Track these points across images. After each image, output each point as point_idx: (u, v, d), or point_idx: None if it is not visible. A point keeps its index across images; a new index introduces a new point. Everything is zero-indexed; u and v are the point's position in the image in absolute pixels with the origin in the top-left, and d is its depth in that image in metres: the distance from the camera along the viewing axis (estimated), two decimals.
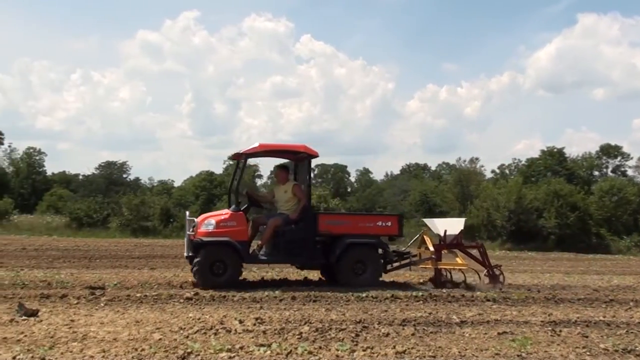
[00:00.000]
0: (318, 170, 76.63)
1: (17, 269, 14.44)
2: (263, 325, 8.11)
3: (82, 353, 6.41)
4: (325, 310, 9.54)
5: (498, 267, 13.57)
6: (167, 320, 8.47)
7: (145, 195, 42.93)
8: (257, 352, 6.62)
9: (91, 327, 7.81)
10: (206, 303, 10.11)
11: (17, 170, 57.65)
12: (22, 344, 6.82)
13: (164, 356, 6.37)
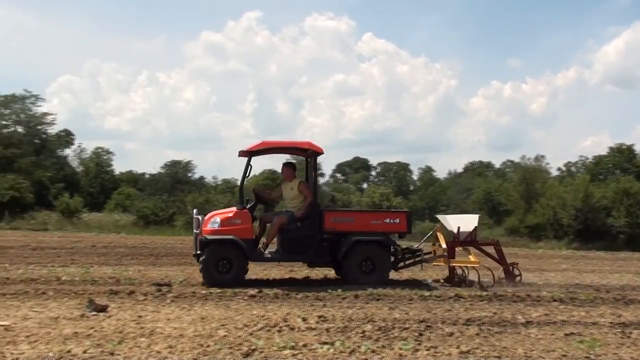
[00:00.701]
0: (380, 169, 76.46)
1: (87, 265, 14.79)
2: (326, 323, 8.14)
3: (150, 348, 6.54)
4: (388, 309, 9.52)
5: (514, 265, 13.32)
6: (232, 317, 8.57)
7: (210, 194, 43.41)
8: (320, 350, 6.65)
9: (158, 323, 7.96)
10: (270, 300, 10.19)
11: (87, 170, 58.90)
12: (92, 338, 7.00)
13: (228, 353, 6.45)
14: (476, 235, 13.31)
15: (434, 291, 11.29)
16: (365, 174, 75.38)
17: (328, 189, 57.63)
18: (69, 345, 6.59)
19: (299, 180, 12.72)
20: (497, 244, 13.52)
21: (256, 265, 13.85)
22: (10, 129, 52.90)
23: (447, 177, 71.23)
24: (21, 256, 17.43)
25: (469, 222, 13.42)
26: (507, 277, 13.03)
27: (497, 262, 13.24)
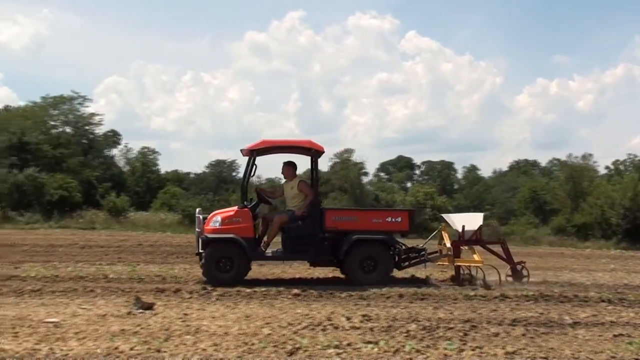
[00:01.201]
0: (424, 168, 76.04)
1: (134, 264, 14.98)
2: (370, 323, 8.13)
3: (195, 346, 6.61)
4: (432, 308, 9.47)
5: (522, 264, 13.09)
6: (276, 315, 8.61)
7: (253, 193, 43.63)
8: (364, 349, 6.65)
9: (203, 321, 8.04)
10: (314, 299, 10.21)
11: (133, 169, 59.64)
12: (139, 336, 7.10)
13: (273, 351, 6.48)
14: (481, 234, 13.14)
15: (478, 291, 11.20)
16: (409, 172, 75.02)
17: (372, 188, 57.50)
18: (116, 342, 6.69)
19: (299, 179, 12.64)
20: (504, 243, 13.38)
21: (300, 264, 13.88)
22: (59, 129, 53.81)
23: (492, 175, 70.50)
24: (70, 254, 17.73)
25: (473, 220, 13.25)
26: (514, 276, 12.85)
27: (505, 261, 13.05)
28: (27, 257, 16.60)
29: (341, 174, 54.35)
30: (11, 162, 44.15)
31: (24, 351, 6.25)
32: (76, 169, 48.51)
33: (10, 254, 17.53)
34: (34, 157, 45.74)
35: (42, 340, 6.79)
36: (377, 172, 72.93)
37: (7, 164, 43.60)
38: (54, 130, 53.24)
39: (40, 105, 54.98)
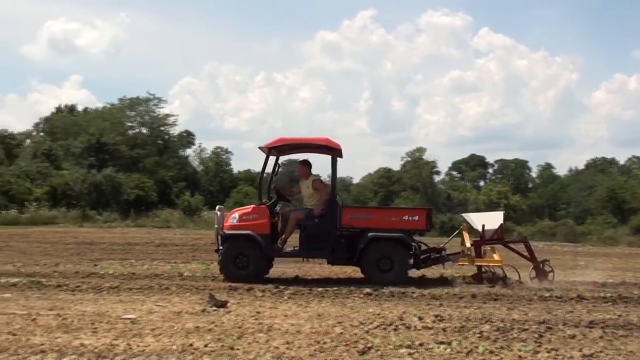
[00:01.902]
0: (497, 166, 74.96)
1: (208, 262, 15.19)
2: (443, 323, 8.06)
3: (268, 344, 6.67)
4: (506, 309, 9.33)
5: (546, 262, 12.69)
6: (348, 314, 8.62)
7: None
8: (437, 350, 6.60)
9: (276, 319, 8.10)
10: (386, 299, 10.18)
11: (207, 169, 60.61)
12: (213, 333, 7.21)
13: (344, 350, 6.49)
14: (503, 233, 12.86)
15: (554, 292, 10.97)
16: (482, 171, 74.11)
17: (443, 187, 57.02)
18: (190, 339, 6.81)
19: (314, 178, 12.56)
20: (526, 241, 13.05)
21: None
22: (135, 130, 55.08)
23: (568, 174, 69.08)
24: (146, 252, 18.14)
25: (493, 219, 13.00)
26: (538, 275, 12.50)
27: (528, 259, 12.77)
28: (105, 255, 17.06)
29: (413, 173, 54.10)
30: (90, 162, 45.38)
31: (102, 346, 6.42)
32: (152, 169, 49.57)
33: (89, 252, 18.05)
34: (111, 158, 46.95)
35: (119, 336, 6.96)
36: (449, 171, 72.40)
37: (86, 164, 44.87)
38: (131, 131, 54.52)
39: (118, 107, 56.36)
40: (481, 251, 12.55)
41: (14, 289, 10.58)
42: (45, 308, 8.73)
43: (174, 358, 6.07)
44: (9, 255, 16.67)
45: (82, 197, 41.23)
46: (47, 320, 7.84)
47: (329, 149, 12.63)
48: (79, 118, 60.66)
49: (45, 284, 11.05)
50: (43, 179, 44.94)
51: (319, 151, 13.25)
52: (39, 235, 25.41)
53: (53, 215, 37.78)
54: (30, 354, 6.13)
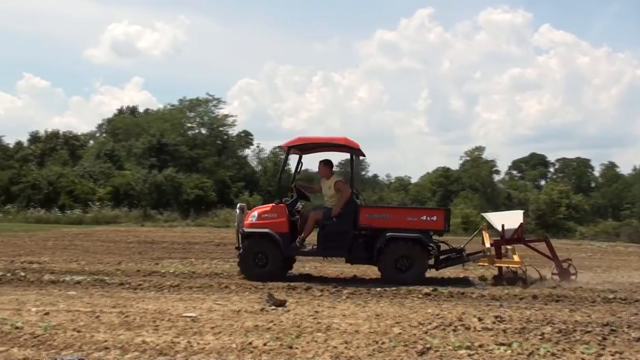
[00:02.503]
0: (559, 165, 73.69)
1: None
2: (503, 324, 7.96)
3: (326, 343, 6.68)
4: (569, 310, 9.16)
5: (568, 261, 12.54)
6: (406, 314, 8.58)
7: (383, 192, 43.70)
8: (497, 351, 6.51)
9: (334, 319, 8.11)
10: (444, 299, 10.11)
11: (265, 169, 61.11)
12: (272, 332, 7.25)
13: (403, 350, 6.46)
14: (523, 233, 12.69)
15: (618, 293, 10.74)
16: (542, 170, 72.98)
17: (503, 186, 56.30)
18: (250, 338, 6.86)
19: (337, 178, 12.62)
20: (548, 241, 12.82)
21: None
22: (195, 131, 55.82)
23: (632, 173, 67.42)
24: (205, 251, 18.37)
25: (513, 219, 12.85)
26: (560, 275, 12.32)
27: (550, 259, 12.59)
28: (166, 254, 17.33)
29: (472, 172, 53.58)
30: (151, 163, 46.14)
31: (163, 343, 6.51)
32: (211, 169, 50.18)
33: (151, 251, 18.37)
34: (172, 158, 47.68)
35: (180, 334, 7.06)
36: (509, 170, 71.46)
37: (147, 164, 45.67)
38: (191, 131, 55.28)
39: (178, 108, 57.25)
40: (501, 251, 12.49)
41: (78, 287, 10.83)
42: (108, 305, 8.91)
43: (234, 356, 6.12)
44: (74, 253, 17.07)
45: (143, 197, 41.98)
46: (110, 317, 8.00)
47: (347, 147, 12.72)
48: (140, 119, 61.83)
49: (109, 282, 11.28)
50: (106, 179, 45.93)
51: (338, 150, 13.54)
52: (102, 234, 25.97)
53: (115, 215, 38.58)
54: (94, 350, 6.26)
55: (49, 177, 44.43)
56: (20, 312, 8.27)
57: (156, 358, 6.02)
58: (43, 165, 51.41)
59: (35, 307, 8.63)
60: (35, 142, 61.69)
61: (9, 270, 12.65)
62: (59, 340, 6.61)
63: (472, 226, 37.14)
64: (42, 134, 62.46)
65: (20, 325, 7.32)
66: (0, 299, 9.43)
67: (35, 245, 19.91)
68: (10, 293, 10.04)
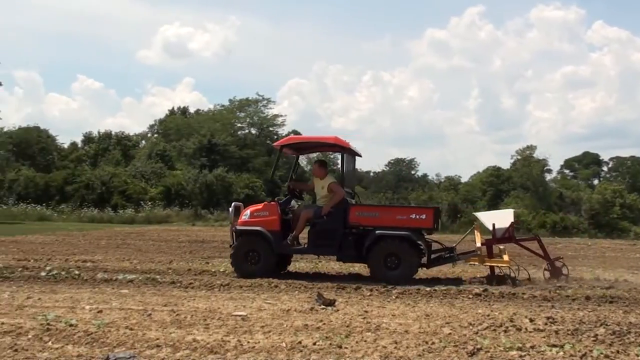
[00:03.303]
0: (612, 164, 72.35)
1: (316, 261, 15.31)
2: (555, 325, 7.84)
3: (376, 343, 6.66)
4: (622, 312, 8.99)
5: (560, 260, 12.42)
6: (457, 315, 8.52)
7: (433, 192, 43.46)
8: (549, 353, 6.42)
9: (384, 319, 8.10)
10: (495, 300, 10.01)
11: None
12: (321, 331, 7.27)
13: (453, 351, 6.41)
14: (514, 232, 12.61)
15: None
16: (596, 169, 71.76)
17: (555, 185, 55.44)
18: (299, 337, 6.88)
19: (331, 180, 12.64)
20: (539, 239, 12.73)
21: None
22: (244, 130, 56.25)
23: None
24: None
25: (504, 218, 12.81)
26: (553, 273, 12.17)
27: (541, 257, 12.47)
28: (217, 253, 17.50)
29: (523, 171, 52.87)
30: (201, 163, 46.62)
31: (214, 342, 6.57)
32: (261, 168, 50.52)
33: (201, 250, 18.58)
34: (222, 158, 48.13)
35: (230, 333, 7.11)
36: (562, 169, 70.38)
37: (197, 164, 46.17)
38: (241, 131, 55.70)
39: (228, 108, 57.81)
40: (493, 250, 12.45)
41: (130, 285, 11.01)
42: (160, 304, 9.04)
43: (283, 355, 6.15)
44: (126, 252, 17.35)
45: (194, 197, 42.45)
46: (162, 315, 8.11)
47: (338, 147, 12.97)
48: (191, 120, 62.56)
49: (160, 281, 11.43)
50: (157, 179, 46.57)
51: (329, 149, 13.89)
52: (154, 233, 26.36)
53: (167, 214, 39.08)
54: (146, 348, 6.35)
55: (102, 177, 45.26)
56: (74, 310, 8.44)
57: (207, 356, 6.08)
58: (96, 165, 52.39)
59: (89, 305, 8.80)
60: (89, 142, 62.93)
61: (64, 268, 12.93)
62: (112, 338, 6.72)
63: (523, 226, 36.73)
64: (96, 135, 63.71)
65: (74, 322, 7.47)
66: (55, 296, 9.64)
67: (89, 244, 20.30)
68: (65, 291, 10.25)
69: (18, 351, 6.13)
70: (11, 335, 6.81)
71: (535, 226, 37.58)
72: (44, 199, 45.60)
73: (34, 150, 58.23)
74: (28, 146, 58.08)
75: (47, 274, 12.11)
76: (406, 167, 66.54)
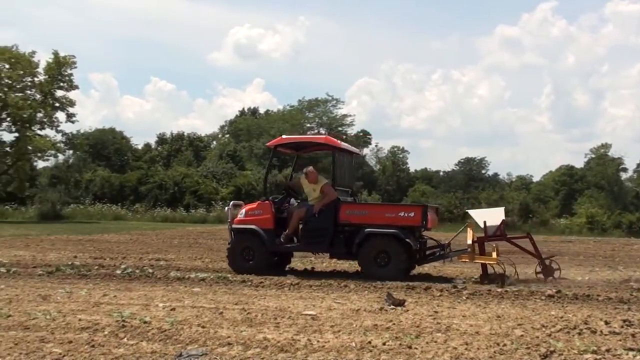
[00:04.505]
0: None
1: None
2: (632, 328, 7.64)
3: (446, 344, 6.61)
4: None
5: (552, 258, 12.48)
6: (529, 317, 8.38)
7: (504, 191, 42.87)
8: (625, 356, 6.26)
9: (454, 320, 8.03)
10: (568, 301, 9.82)
11: (384, 168, 61.17)
12: (391, 331, 7.25)
13: (525, 353, 6.31)
14: (505, 229, 12.64)
15: None
16: None
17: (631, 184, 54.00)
18: (369, 337, 6.88)
19: (323, 182, 12.92)
20: (531, 237, 12.68)
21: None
22: (314, 130, 56.48)
23: None
24: None
25: (495, 216, 12.87)
26: (544, 272, 12.24)
27: (533, 255, 12.35)
28: None
29: (597, 170, 51.76)
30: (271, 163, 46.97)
31: (284, 341, 6.63)
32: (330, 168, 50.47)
33: None
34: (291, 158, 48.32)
35: (300, 332, 7.16)
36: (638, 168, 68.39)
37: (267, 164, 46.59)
38: (310, 132, 55.91)
39: (297, 108, 58.17)
40: (485, 248, 12.55)
41: (202, 284, 11.20)
42: (231, 302, 9.16)
43: (353, 355, 6.16)
44: (198, 251, 17.65)
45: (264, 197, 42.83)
46: (233, 314, 8.22)
47: (328, 146, 13.54)
48: (261, 120, 63.22)
49: (231, 280, 11.59)
50: (228, 179, 47.20)
51: (320, 148, 14.45)
52: (225, 233, 26.66)
53: None
54: (218, 345, 6.44)
55: (175, 177, 46.12)
56: (148, 308, 8.63)
57: (277, 355, 6.13)
58: (169, 166, 53.43)
59: (162, 303, 8.99)
60: (162, 143, 64.20)
61: (138, 267, 13.25)
62: (185, 335, 6.84)
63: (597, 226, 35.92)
64: (168, 136, 64.96)
65: (148, 320, 7.64)
66: (130, 294, 9.88)
67: (162, 243, 20.73)
68: (139, 289, 10.50)
69: (95, 347, 6.31)
70: (88, 332, 7.01)
71: (610, 226, 36.73)
72: (119, 198, 46.83)
73: (109, 152, 59.82)
74: (104, 147, 59.70)
75: (122, 272, 12.43)
76: (476, 166, 65.72)
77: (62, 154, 48.03)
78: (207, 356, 6.02)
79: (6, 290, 10.04)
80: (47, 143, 43.33)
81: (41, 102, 43.40)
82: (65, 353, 6.04)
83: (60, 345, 6.34)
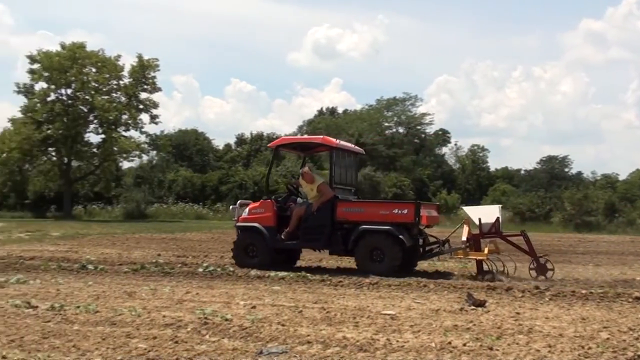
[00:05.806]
0: None
1: (465, 260, 15.08)
2: None
3: (528, 346, 6.50)
4: None
5: (545, 257, 12.54)
6: (615, 319, 8.16)
7: (588, 190, 41.80)
8: None
9: (536, 321, 7.88)
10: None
11: (463, 167, 60.53)
12: (471, 332, 7.17)
13: (611, 356, 6.15)
14: (500, 227, 12.68)
15: None
16: None
17: None
18: (449, 337, 6.82)
19: (319, 182, 13.28)
20: (525, 235, 12.73)
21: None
22: (392, 130, 56.32)
23: None
24: None
25: (490, 213, 13.01)
26: (538, 270, 12.30)
27: (527, 253, 12.29)
28: None
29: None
30: None
31: (363, 340, 6.64)
32: (408, 167, 50.44)
33: None
34: (370, 157, 48.36)
35: (379, 331, 7.16)
36: None
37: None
38: (388, 131, 55.82)
39: (375, 107, 58.06)
40: (480, 245, 12.64)
41: (282, 282, 11.32)
42: (310, 301, 9.23)
43: (433, 355, 6.12)
44: None
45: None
46: (312, 312, 8.28)
47: (326, 146, 13.99)
48: (339, 120, 63.28)
49: (310, 279, 11.67)
50: None
51: (318, 148, 14.97)
52: None
53: None
54: (298, 343, 6.50)
55: (254, 177, 46.69)
56: (229, 305, 8.78)
57: (356, 354, 6.14)
58: (249, 165, 54.13)
59: (243, 301, 9.12)
60: (242, 144, 65.12)
61: (219, 265, 13.49)
62: (265, 333, 6.93)
63: None
64: (248, 136, 65.83)
65: (229, 317, 7.76)
66: (212, 292, 10.07)
67: None
68: (221, 287, 10.68)
69: (178, 343, 6.45)
70: (172, 328, 7.18)
71: None
72: (201, 198, 47.77)
73: (191, 152, 61.04)
74: (186, 148, 60.96)
75: (204, 270, 12.69)
76: (559, 164, 64.27)
77: (146, 154, 49.51)
78: (287, 354, 6.08)
79: (94, 287, 10.39)
80: (132, 144, 44.64)
81: (126, 104, 44.71)
82: (150, 348, 6.20)
83: (145, 341, 6.51)
